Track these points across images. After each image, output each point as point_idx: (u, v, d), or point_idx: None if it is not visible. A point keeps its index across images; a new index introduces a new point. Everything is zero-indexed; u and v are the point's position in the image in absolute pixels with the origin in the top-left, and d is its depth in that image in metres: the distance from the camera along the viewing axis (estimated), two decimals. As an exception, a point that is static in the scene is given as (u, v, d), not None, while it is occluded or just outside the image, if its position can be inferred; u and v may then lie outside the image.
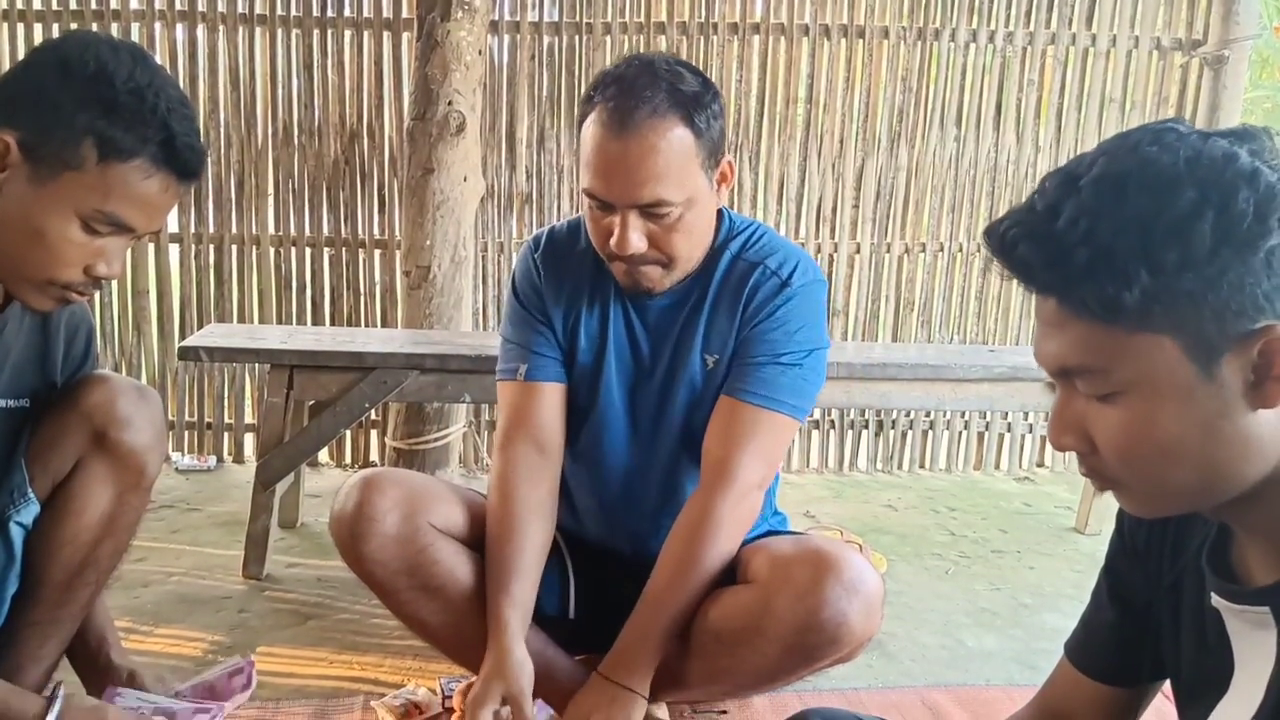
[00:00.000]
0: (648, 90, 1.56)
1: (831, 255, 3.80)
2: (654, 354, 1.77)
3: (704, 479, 1.69)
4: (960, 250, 3.85)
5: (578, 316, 1.78)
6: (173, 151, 1.34)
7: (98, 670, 1.67)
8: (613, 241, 1.61)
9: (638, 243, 1.60)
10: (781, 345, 1.70)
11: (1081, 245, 0.78)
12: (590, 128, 1.60)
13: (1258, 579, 0.87)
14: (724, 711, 1.97)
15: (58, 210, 1.31)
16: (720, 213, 1.76)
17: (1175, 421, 0.80)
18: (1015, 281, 0.85)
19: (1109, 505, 3.19)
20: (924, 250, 3.85)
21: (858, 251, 3.82)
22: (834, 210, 3.77)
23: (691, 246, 1.67)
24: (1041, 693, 1.16)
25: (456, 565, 1.70)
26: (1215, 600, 0.89)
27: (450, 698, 1.91)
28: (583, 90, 3.55)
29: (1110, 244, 0.77)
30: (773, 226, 3.71)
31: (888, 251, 3.83)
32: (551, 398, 1.77)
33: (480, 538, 1.76)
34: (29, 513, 1.55)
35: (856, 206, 3.77)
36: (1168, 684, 1.05)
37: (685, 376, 1.74)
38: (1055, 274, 0.81)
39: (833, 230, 3.78)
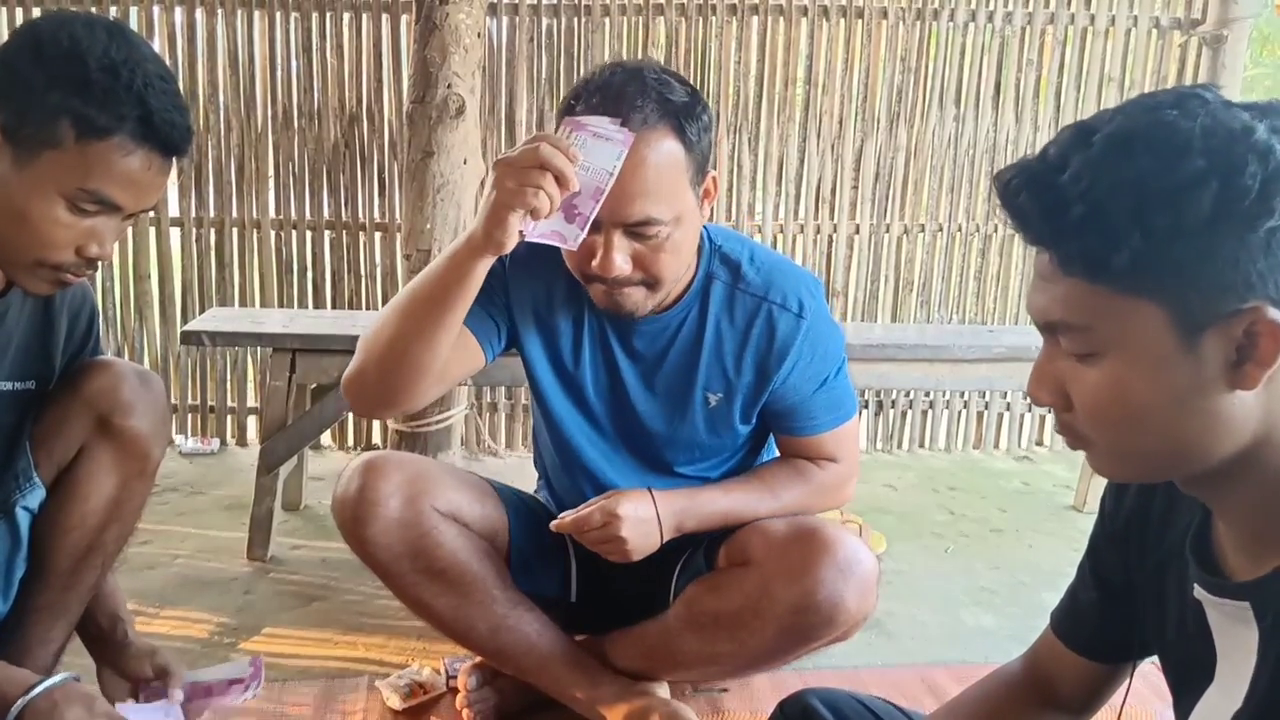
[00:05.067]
0: (637, 100, 1.46)
1: (831, 236, 3.80)
2: (644, 384, 1.72)
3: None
4: (959, 230, 3.86)
5: (546, 330, 1.71)
6: (151, 128, 1.32)
7: (115, 649, 1.68)
8: (595, 263, 1.51)
9: (623, 264, 1.51)
10: (823, 370, 1.70)
11: (1078, 201, 0.77)
12: None
13: (1237, 571, 0.86)
14: (725, 689, 1.99)
15: (40, 191, 1.31)
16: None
17: (1148, 389, 0.79)
18: (1015, 235, 0.85)
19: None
20: (923, 230, 3.85)
21: (857, 232, 3.82)
22: (833, 191, 3.77)
23: (678, 267, 1.58)
24: (1031, 652, 1.18)
25: (460, 548, 1.70)
26: (1197, 591, 0.89)
27: (455, 678, 1.93)
28: (570, 81, 3.55)
29: (1105, 202, 0.76)
30: (772, 208, 3.75)
31: (887, 232, 3.83)
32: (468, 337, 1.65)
33: (483, 522, 1.77)
34: (35, 498, 1.56)
35: (856, 187, 3.77)
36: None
37: (683, 414, 1.71)
38: (1048, 226, 0.80)
39: (832, 211, 3.78)
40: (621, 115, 1.45)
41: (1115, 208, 0.76)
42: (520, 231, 1.42)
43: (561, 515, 1.64)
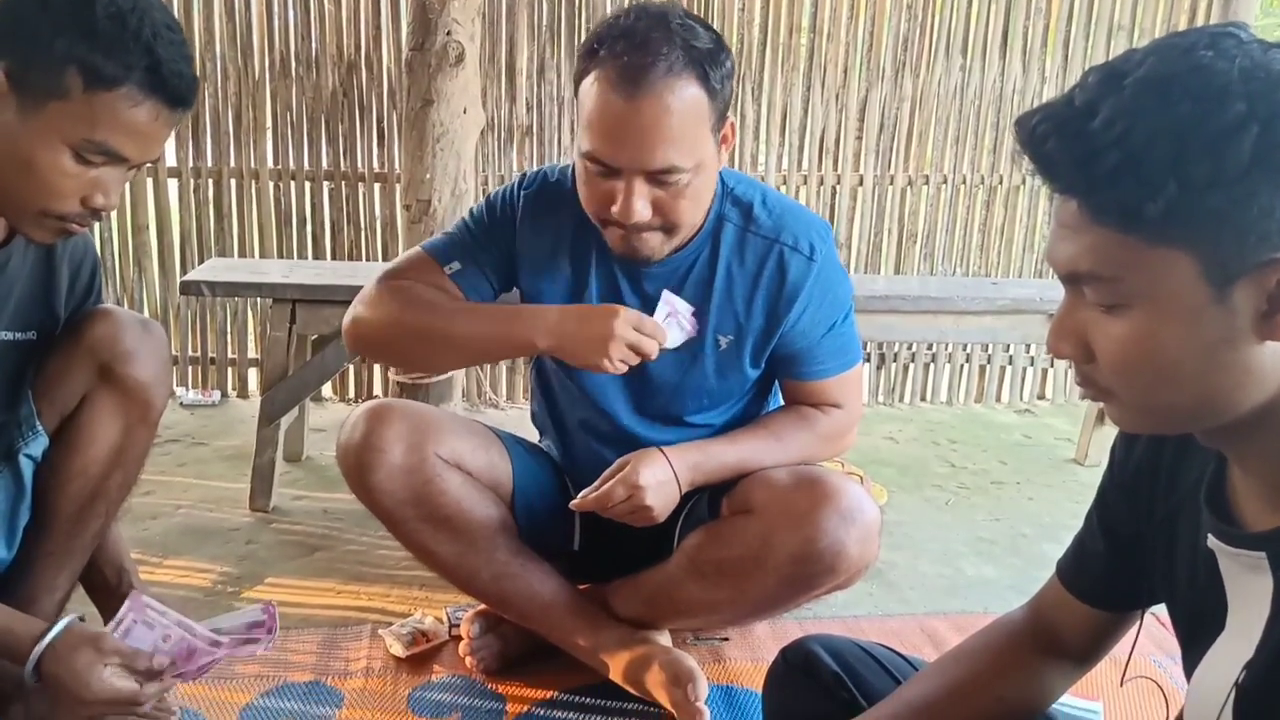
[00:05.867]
0: (663, 47, 1.45)
1: (834, 187, 3.77)
2: None
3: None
4: (964, 182, 3.82)
5: (551, 274, 1.71)
6: (159, 78, 1.30)
7: (116, 601, 1.69)
8: (615, 209, 1.51)
9: (643, 210, 1.51)
10: (831, 315, 1.71)
11: (1112, 148, 0.74)
12: (594, 86, 1.48)
13: (1253, 521, 0.85)
14: (726, 638, 2.00)
15: (46, 141, 1.29)
16: None
17: (1178, 341, 0.77)
18: (1038, 179, 0.81)
19: (1108, 437, 3.21)
20: (927, 182, 3.82)
21: (860, 184, 3.79)
22: (837, 142, 3.73)
23: (696, 212, 1.60)
24: (1036, 600, 1.18)
25: (463, 496, 1.71)
26: (1211, 541, 0.88)
27: (457, 626, 1.94)
28: (584, 34, 3.50)
29: (1142, 150, 0.73)
30: (775, 159, 3.71)
31: (891, 184, 3.80)
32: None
33: (487, 471, 1.77)
34: (38, 445, 1.56)
35: (860, 138, 3.74)
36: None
37: (693, 356, 1.70)
38: (1080, 175, 0.77)
39: (836, 162, 3.75)
40: (647, 61, 1.44)
41: (1152, 155, 0.73)
42: None
43: (582, 494, 1.65)
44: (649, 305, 1.67)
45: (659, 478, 1.62)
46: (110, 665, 1.39)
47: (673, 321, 1.60)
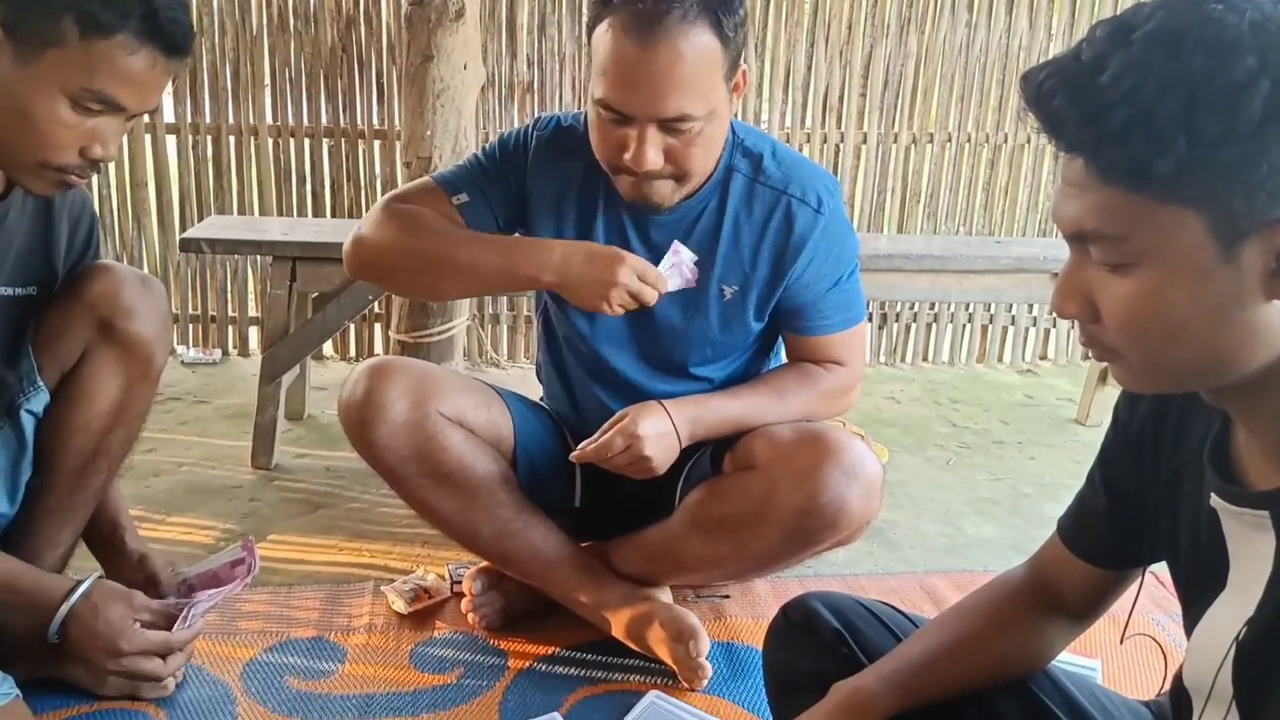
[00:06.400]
0: None
1: (838, 145, 3.74)
2: None
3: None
4: (969, 141, 3.79)
5: (558, 219, 1.71)
6: (156, 26, 1.30)
7: (113, 554, 1.71)
8: (628, 156, 1.52)
9: (655, 158, 1.52)
10: (836, 270, 1.71)
11: (1121, 104, 0.73)
12: (608, 33, 1.48)
13: (1257, 480, 0.85)
14: (726, 595, 2.01)
15: (44, 90, 1.29)
16: None
17: (1185, 300, 0.76)
18: (1045, 137, 0.79)
19: (1110, 397, 3.21)
20: (931, 140, 3.79)
21: (864, 141, 3.76)
22: (841, 99, 3.70)
23: (707, 160, 1.60)
24: (1037, 558, 1.18)
25: (465, 453, 1.71)
26: (1214, 500, 0.88)
27: (459, 583, 1.95)
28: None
29: (1152, 106, 0.71)
30: (778, 116, 3.68)
31: (895, 142, 3.77)
32: None
33: (489, 428, 1.77)
34: (39, 401, 1.56)
35: (864, 95, 3.70)
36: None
37: (698, 305, 1.71)
38: (1088, 131, 0.75)
39: (839, 120, 3.72)
40: (661, 9, 1.44)
41: (1162, 111, 0.71)
42: None
43: (581, 446, 1.65)
44: (655, 253, 1.67)
45: (658, 429, 1.62)
46: (140, 620, 1.50)
47: (675, 271, 1.62)
